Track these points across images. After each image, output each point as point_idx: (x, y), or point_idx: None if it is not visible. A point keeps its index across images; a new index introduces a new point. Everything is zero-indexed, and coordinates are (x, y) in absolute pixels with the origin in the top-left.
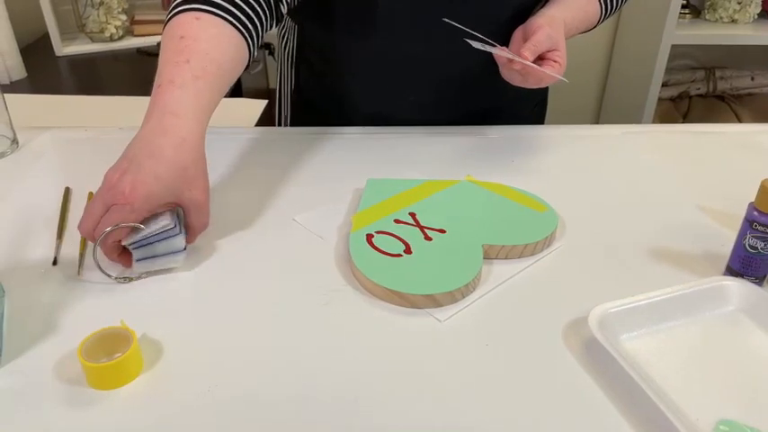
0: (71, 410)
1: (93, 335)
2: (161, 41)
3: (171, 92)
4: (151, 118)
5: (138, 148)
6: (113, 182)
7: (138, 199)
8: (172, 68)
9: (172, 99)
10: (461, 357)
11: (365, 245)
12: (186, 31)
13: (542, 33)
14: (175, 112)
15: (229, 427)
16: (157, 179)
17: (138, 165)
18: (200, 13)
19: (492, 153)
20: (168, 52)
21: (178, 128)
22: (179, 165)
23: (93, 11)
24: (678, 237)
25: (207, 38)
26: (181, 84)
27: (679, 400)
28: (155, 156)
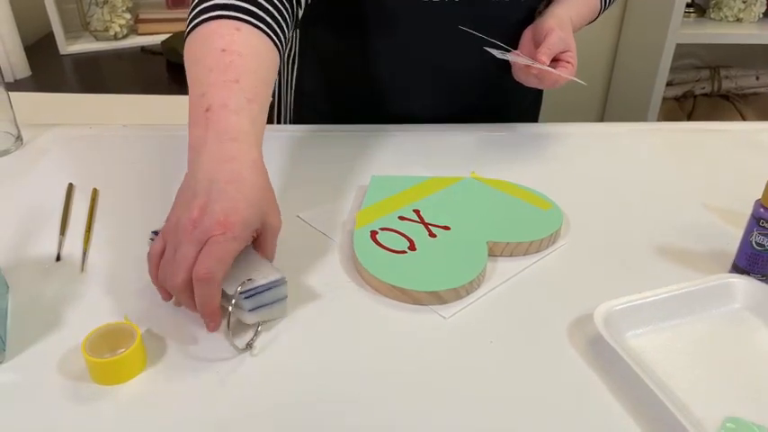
0: (75, 405)
1: (97, 330)
2: (191, 51)
3: (227, 117)
4: (207, 144)
5: (209, 176)
6: (195, 217)
7: (236, 225)
8: (221, 89)
9: (229, 125)
10: (466, 354)
11: (369, 242)
12: (228, 44)
13: (555, 36)
14: (236, 139)
15: (232, 424)
16: (248, 202)
17: (221, 192)
18: (239, 23)
19: (496, 150)
20: (209, 66)
21: (244, 153)
22: (260, 186)
23: (98, 9)
24: (684, 234)
25: (251, 54)
26: (236, 109)
27: (685, 398)
28: (235, 180)
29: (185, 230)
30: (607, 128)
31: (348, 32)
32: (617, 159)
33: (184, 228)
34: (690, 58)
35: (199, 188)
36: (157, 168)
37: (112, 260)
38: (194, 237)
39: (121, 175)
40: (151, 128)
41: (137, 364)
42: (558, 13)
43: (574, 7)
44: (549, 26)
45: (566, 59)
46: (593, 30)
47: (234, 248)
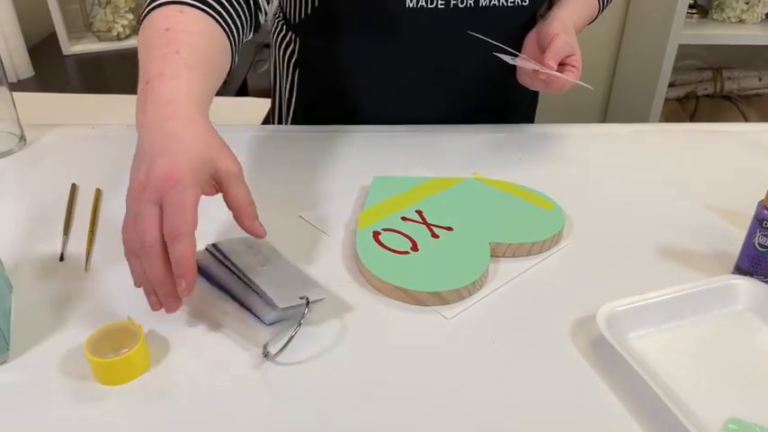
0: (77, 405)
1: (101, 330)
2: (141, 38)
3: (163, 84)
4: (147, 112)
5: (149, 140)
6: (143, 179)
7: (184, 174)
8: (160, 61)
9: (165, 90)
10: (468, 355)
11: (372, 242)
12: (172, 23)
13: (561, 40)
14: (172, 101)
15: (234, 423)
16: (188, 152)
17: (161, 149)
18: (183, 6)
19: (498, 151)
20: (153, 45)
21: (181, 112)
22: (199, 137)
23: (101, 10)
24: (686, 235)
25: (195, 31)
26: (172, 75)
27: (687, 399)
28: (173, 137)
29: (137, 194)
30: (609, 129)
31: (348, 38)
32: (619, 160)
33: (135, 192)
34: (692, 58)
35: (143, 154)
36: None
37: (116, 260)
38: (147, 197)
39: (124, 175)
40: None
41: (140, 365)
42: (561, 17)
43: (575, 10)
44: (554, 30)
45: (571, 63)
46: (595, 30)
47: (191, 196)
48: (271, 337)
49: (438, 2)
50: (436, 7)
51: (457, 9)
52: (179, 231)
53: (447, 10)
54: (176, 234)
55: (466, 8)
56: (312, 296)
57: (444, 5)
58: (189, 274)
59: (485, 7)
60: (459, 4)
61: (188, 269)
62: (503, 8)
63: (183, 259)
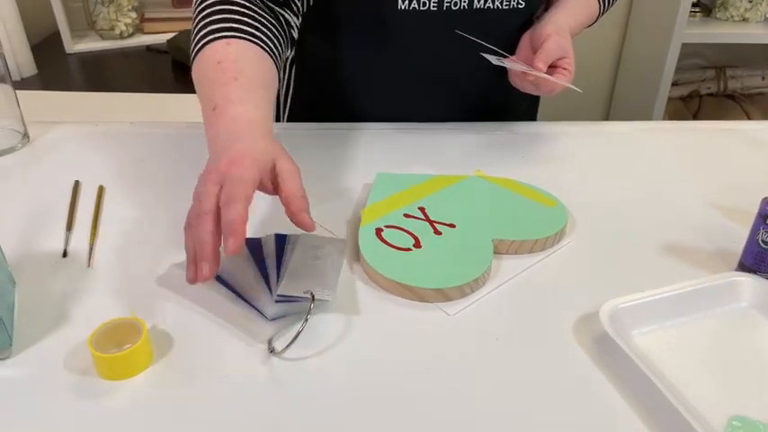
0: (81, 400)
1: (104, 325)
2: (196, 74)
3: (233, 108)
4: (219, 131)
5: (221, 148)
6: (211, 168)
7: (246, 159)
8: (222, 88)
9: (236, 113)
10: (471, 351)
11: (375, 239)
12: (222, 56)
13: (552, 42)
14: (244, 121)
15: (237, 418)
16: (255, 146)
17: (228, 148)
18: (230, 39)
19: (501, 149)
20: (209, 77)
21: (253, 130)
22: (263, 139)
23: (104, 8)
24: (689, 233)
25: (244, 59)
26: (239, 100)
27: (691, 396)
28: (240, 139)
29: (203, 179)
30: (612, 127)
31: (342, 39)
32: (622, 158)
33: (202, 180)
34: (695, 57)
35: (215, 154)
36: (163, 166)
37: (119, 256)
38: (212, 178)
39: (128, 172)
40: (157, 125)
41: (143, 360)
42: (555, 20)
43: (572, 14)
44: (547, 32)
45: (563, 66)
46: (598, 29)
47: (250, 175)
48: (274, 333)
49: (430, 4)
50: (429, 9)
51: (450, 11)
52: (233, 197)
53: (440, 12)
54: (230, 199)
55: (459, 10)
56: (318, 294)
57: (437, 8)
58: (237, 234)
59: (479, 10)
60: (453, 7)
61: (237, 230)
62: (498, 11)
63: (233, 221)
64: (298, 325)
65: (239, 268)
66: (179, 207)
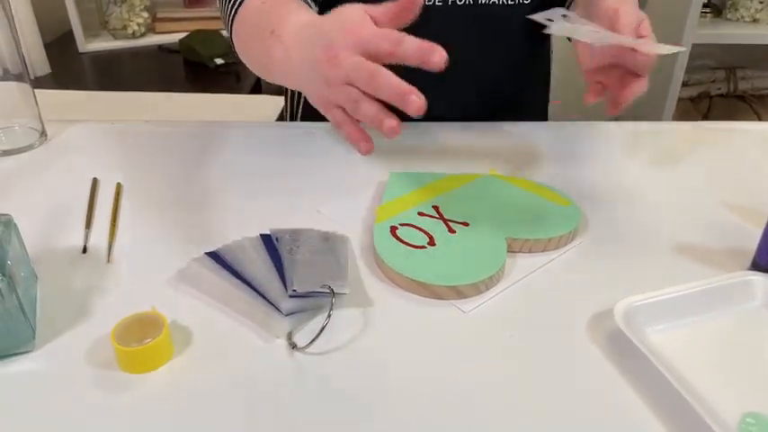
0: (103, 393)
1: (126, 320)
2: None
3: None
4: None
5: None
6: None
7: (357, 20)
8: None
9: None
10: (486, 348)
11: (389, 237)
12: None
13: (626, 10)
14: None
15: (256, 411)
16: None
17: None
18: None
19: (515, 147)
20: (257, 18)
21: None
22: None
23: (116, 8)
24: (702, 232)
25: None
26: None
27: (705, 393)
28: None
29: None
30: (624, 126)
31: None
32: (634, 157)
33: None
34: (705, 58)
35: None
36: (179, 164)
37: (137, 252)
38: (345, 54)
39: (144, 170)
40: (172, 124)
41: (164, 353)
42: None
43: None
44: (613, 5)
45: (641, 34)
46: None
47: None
48: (291, 328)
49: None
50: (434, 4)
51: (455, 6)
52: (394, 36)
53: (445, 7)
54: (395, 38)
55: (465, 5)
56: (337, 288)
57: (442, 2)
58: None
59: (485, 5)
60: (458, 1)
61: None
62: (503, 6)
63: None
64: (314, 320)
65: (253, 261)
66: (195, 204)
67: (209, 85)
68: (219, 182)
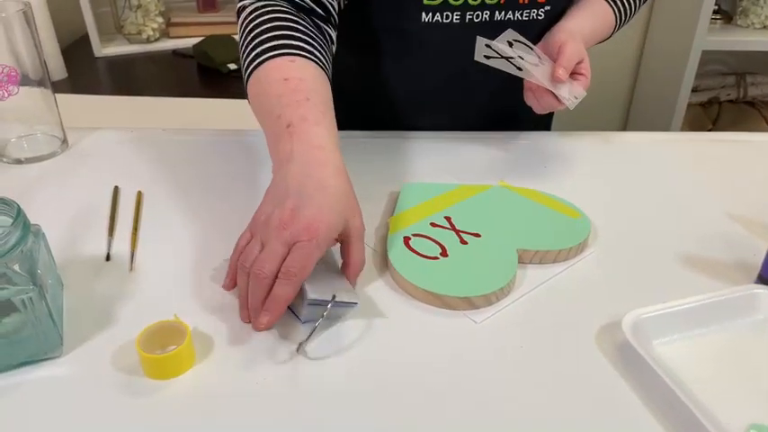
0: (128, 398)
1: (150, 327)
2: (255, 87)
3: (309, 129)
4: (294, 156)
5: (300, 180)
6: (286, 219)
7: (321, 232)
8: (297, 108)
9: (314, 135)
10: (497, 358)
11: (403, 247)
12: (288, 73)
13: (569, 47)
14: (322, 146)
15: (276, 418)
16: (332, 210)
17: (309, 198)
18: (292, 57)
19: (523, 159)
20: (277, 93)
21: (330, 159)
22: (344, 192)
23: (131, 13)
24: (709, 245)
25: (310, 78)
26: (315, 121)
27: (711, 405)
28: (323, 188)
29: (276, 229)
30: (632, 137)
31: (365, 50)
32: (641, 169)
33: (275, 227)
34: (715, 64)
35: (290, 191)
36: (198, 171)
37: (159, 260)
38: (283, 237)
39: (164, 177)
40: (190, 132)
41: (187, 361)
42: (566, 27)
43: (583, 22)
44: (561, 39)
45: (580, 71)
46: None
47: (317, 255)
48: (306, 336)
49: (453, 17)
50: (451, 22)
51: (472, 24)
52: (293, 275)
53: (462, 25)
54: (290, 276)
55: (481, 22)
56: (344, 298)
57: (459, 20)
58: (275, 313)
59: (500, 21)
60: (475, 19)
61: (277, 309)
62: (518, 22)
63: (279, 299)
64: (330, 329)
65: None
66: (214, 212)
67: (222, 90)
68: (237, 190)
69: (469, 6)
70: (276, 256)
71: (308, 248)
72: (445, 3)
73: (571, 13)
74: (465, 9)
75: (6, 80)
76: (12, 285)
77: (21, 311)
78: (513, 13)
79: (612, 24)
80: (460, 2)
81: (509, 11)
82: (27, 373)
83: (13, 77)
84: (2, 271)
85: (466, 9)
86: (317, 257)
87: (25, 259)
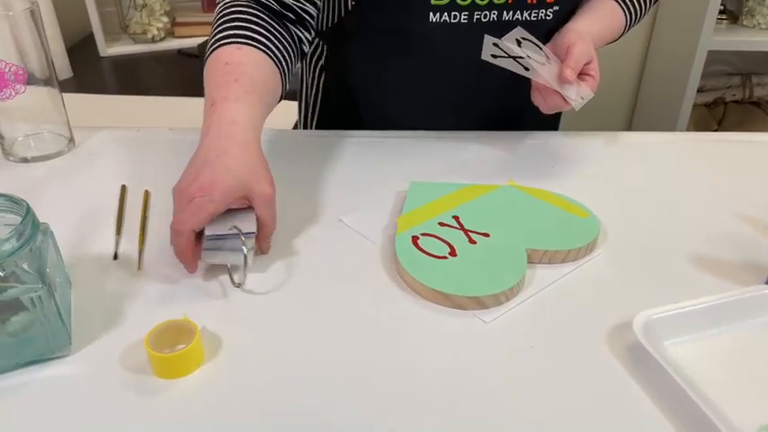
0: (137, 397)
1: (158, 327)
2: (205, 73)
3: (226, 106)
4: (210, 130)
5: (206, 153)
6: (185, 186)
7: (216, 191)
8: (222, 87)
9: (229, 111)
10: (507, 358)
11: (411, 246)
12: (230, 58)
13: (578, 48)
14: (235, 121)
15: (285, 417)
16: (230, 172)
17: (210, 164)
18: (240, 45)
19: (532, 159)
20: (215, 76)
21: (239, 134)
22: (247, 160)
23: (136, 13)
24: (718, 245)
25: (251, 63)
26: (235, 98)
27: (722, 405)
28: (223, 155)
29: (181, 192)
30: (640, 137)
31: (373, 50)
32: (649, 169)
33: (178, 193)
34: (721, 64)
35: (197, 161)
36: None
37: (167, 260)
38: (185, 197)
39: (171, 176)
40: (196, 131)
41: (195, 360)
42: (575, 28)
43: (595, 23)
44: (570, 40)
45: (588, 72)
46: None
47: (210, 208)
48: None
49: (461, 17)
50: (459, 22)
51: (480, 23)
52: (182, 227)
53: (470, 24)
54: (178, 228)
55: (489, 22)
56: (244, 228)
57: (467, 20)
58: (187, 263)
59: (508, 21)
60: (483, 19)
61: (185, 260)
62: (526, 22)
63: (180, 253)
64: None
65: None
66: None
67: None
68: None
69: (477, 6)
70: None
71: (199, 203)
72: (453, 3)
73: (580, 13)
74: (473, 9)
75: (14, 79)
76: (20, 284)
77: (29, 310)
78: (521, 13)
79: (622, 25)
80: (468, 2)
81: (517, 11)
82: (35, 372)
83: (20, 76)
84: (11, 269)
85: (474, 9)
86: (209, 212)
87: (34, 258)
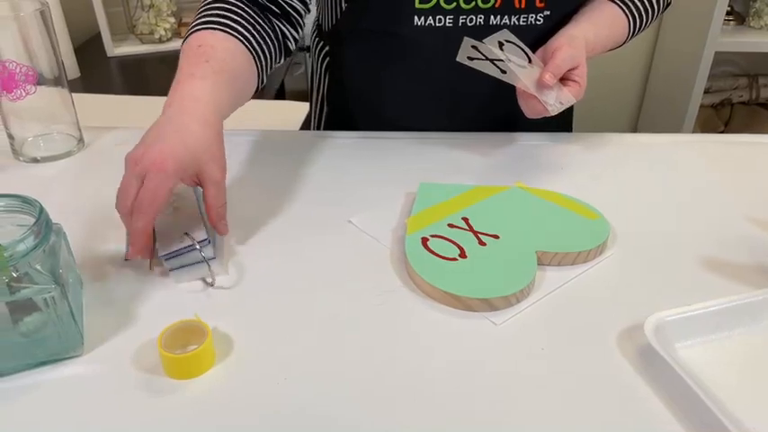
0: (149, 397)
1: (170, 327)
2: (180, 55)
3: (192, 82)
4: (172, 104)
5: (162, 127)
6: (140, 155)
7: (167, 165)
8: (191, 66)
9: (193, 87)
10: (518, 360)
11: (421, 248)
12: (203, 41)
13: (563, 53)
14: (197, 98)
15: (295, 419)
16: (186, 148)
17: (165, 137)
18: (215, 30)
19: (540, 160)
20: (186, 57)
21: (200, 110)
22: (205, 138)
23: (144, 13)
24: (728, 247)
25: (223, 48)
26: (201, 76)
27: (733, 408)
28: (181, 130)
29: (129, 165)
30: (649, 138)
31: (364, 52)
32: (658, 170)
33: (129, 162)
34: (728, 65)
35: (151, 133)
36: None
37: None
38: (136, 172)
39: None
40: None
41: (207, 360)
42: (570, 33)
43: (593, 28)
44: (559, 43)
45: (573, 78)
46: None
47: (166, 184)
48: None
49: (446, 21)
50: (444, 26)
51: (466, 27)
52: (143, 208)
53: (455, 28)
54: (141, 209)
55: (476, 26)
56: (198, 237)
57: (453, 24)
58: (137, 245)
59: (495, 26)
60: (469, 23)
61: (139, 242)
62: (515, 27)
63: (136, 232)
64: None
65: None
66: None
67: None
68: (250, 191)
69: (462, 10)
70: (130, 188)
71: (156, 179)
72: (438, 6)
73: (577, 18)
74: (458, 13)
75: (24, 79)
76: (34, 284)
77: (42, 310)
78: (509, 17)
79: (625, 31)
80: (453, 5)
81: (505, 15)
82: (48, 372)
83: (30, 77)
84: (24, 270)
85: (459, 13)
86: (166, 188)
87: (47, 258)
